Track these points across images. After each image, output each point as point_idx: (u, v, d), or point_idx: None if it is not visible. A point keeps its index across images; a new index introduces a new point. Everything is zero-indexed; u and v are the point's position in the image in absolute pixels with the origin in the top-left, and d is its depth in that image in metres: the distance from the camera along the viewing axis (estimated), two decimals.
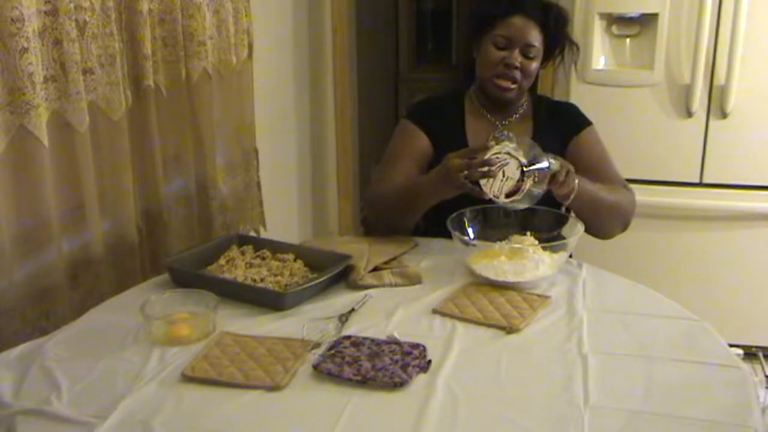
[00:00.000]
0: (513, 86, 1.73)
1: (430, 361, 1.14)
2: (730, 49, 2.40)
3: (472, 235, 1.56)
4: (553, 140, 1.77)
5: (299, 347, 1.18)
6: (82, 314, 1.36)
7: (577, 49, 1.80)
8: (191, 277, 1.47)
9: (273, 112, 2.76)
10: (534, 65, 1.72)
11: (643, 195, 1.83)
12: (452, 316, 1.31)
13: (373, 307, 1.36)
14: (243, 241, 1.62)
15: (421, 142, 1.80)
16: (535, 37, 1.70)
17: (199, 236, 2.08)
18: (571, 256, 1.66)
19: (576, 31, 2.56)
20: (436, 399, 1.04)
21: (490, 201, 1.50)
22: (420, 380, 1.09)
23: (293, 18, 2.94)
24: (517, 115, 1.82)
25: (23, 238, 1.49)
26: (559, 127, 1.81)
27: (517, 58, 1.70)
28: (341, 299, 1.39)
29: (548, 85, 2.89)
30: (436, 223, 1.63)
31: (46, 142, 1.47)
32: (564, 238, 1.52)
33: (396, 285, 1.46)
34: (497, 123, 1.81)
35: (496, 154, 1.45)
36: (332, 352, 1.16)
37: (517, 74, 1.71)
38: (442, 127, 1.81)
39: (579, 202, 1.57)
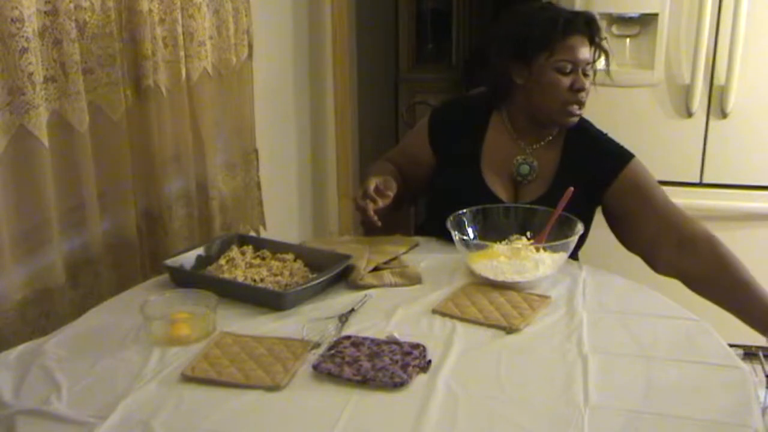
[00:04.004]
0: (581, 110, 1.67)
1: (430, 361, 1.14)
2: (730, 49, 2.40)
3: (472, 235, 1.56)
4: (578, 177, 1.64)
5: (299, 347, 1.18)
6: (82, 314, 1.36)
7: (607, 55, 1.72)
8: (191, 277, 1.47)
9: (273, 112, 2.76)
10: (590, 82, 1.66)
11: None
12: (452, 316, 1.31)
13: (373, 307, 1.36)
14: (243, 241, 1.62)
15: (422, 152, 1.80)
16: (590, 54, 1.64)
17: (199, 236, 2.08)
18: (577, 259, 1.66)
19: None
20: (436, 399, 1.04)
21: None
22: (420, 380, 1.09)
23: (293, 18, 2.94)
24: (544, 142, 1.73)
25: (23, 238, 1.49)
26: (588, 170, 1.68)
27: (583, 80, 1.63)
28: (341, 299, 1.39)
29: None
30: (437, 226, 1.62)
31: (46, 142, 1.47)
32: (564, 238, 1.52)
33: (396, 285, 1.46)
34: (525, 147, 1.72)
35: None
36: (332, 352, 1.16)
37: (584, 96, 1.66)
38: (459, 142, 1.75)
39: None
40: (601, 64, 1.73)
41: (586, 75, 1.64)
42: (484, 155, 1.74)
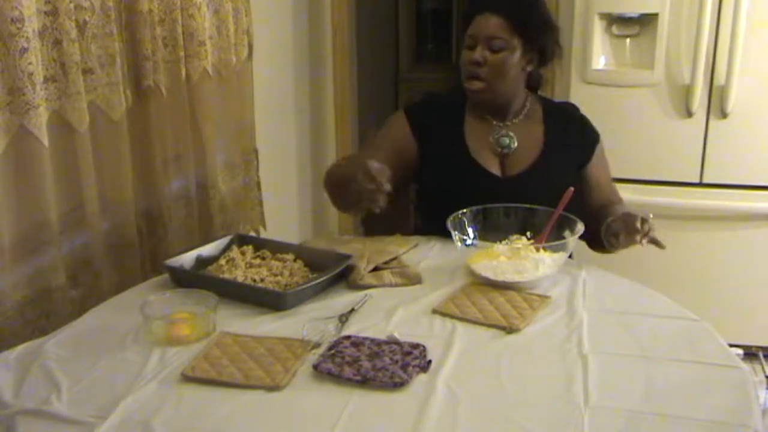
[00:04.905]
0: (480, 85, 1.69)
1: (430, 361, 1.14)
2: (730, 49, 2.40)
3: (472, 235, 1.56)
4: (563, 152, 1.75)
5: (299, 347, 1.18)
6: (82, 314, 1.36)
7: (556, 30, 1.74)
8: (191, 277, 1.47)
9: (273, 112, 2.76)
10: (501, 57, 1.67)
11: (643, 195, 1.84)
12: (452, 316, 1.31)
13: (373, 307, 1.36)
14: (243, 241, 1.62)
15: (405, 140, 1.78)
16: (501, 28, 1.66)
17: (199, 236, 2.08)
18: (571, 257, 1.66)
19: (576, 31, 2.56)
20: (436, 399, 1.04)
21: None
22: (420, 380, 1.09)
23: (293, 18, 2.94)
24: (521, 117, 1.78)
25: (23, 238, 1.49)
26: (572, 141, 1.78)
27: (479, 53, 1.67)
28: (341, 299, 1.39)
29: (548, 85, 2.88)
30: (436, 227, 1.62)
31: (46, 142, 1.47)
32: (564, 238, 1.52)
33: (396, 285, 1.46)
34: (498, 125, 1.78)
35: None
36: (332, 352, 1.16)
37: (482, 71, 1.68)
38: (441, 129, 1.78)
39: None
40: (601, 63, 1.74)
41: (493, 50, 1.67)
42: (467, 138, 1.76)
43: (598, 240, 1.62)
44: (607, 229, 1.58)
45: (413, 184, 1.89)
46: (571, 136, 1.79)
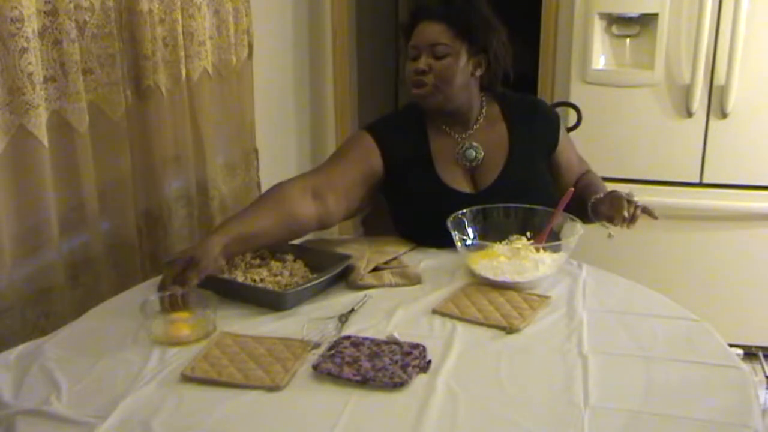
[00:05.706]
0: (425, 91, 1.64)
1: (430, 361, 1.14)
2: (730, 49, 2.40)
3: (472, 235, 1.56)
4: (530, 145, 1.72)
5: (299, 347, 1.18)
6: (82, 314, 1.36)
7: (502, 31, 1.68)
8: None
9: (273, 112, 2.76)
10: (446, 62, 1.62)
11: (643, 195, 1.83)
12: (452, 316, 1.31)
13: (373, 307, 1.36)
14: None
15: (371, 162, 1.68)
16: (442, 34, 1.62)
17: (199, 236, 2.08)
18: None
19: (576, 31, 2.56)
20: (436, 399, 1.04)
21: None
22: (420, 380, 1.09)
23: (293, 18, 2.94)
24: (481, 122, 1.72)
25: (23, 238, 1.50)
26: (536, 131, 1.74)
27: (423, 62, 1.62)
28: (341, 299, 1.39)
29: (548, 85, 2.89)
30: (431, 235, 1.60)
31: (46, 142, 1.47)
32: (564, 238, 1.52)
33: (396, 285, 1.46)
34: (458, 136, 1.71)
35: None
36: (332, 352, 1.16)
37: (427, 78, 1.62)
38: (405, 146, 1.70)
39: None
40: (601, 63, 1.73)
41: (438, 57, 1.63)
42: (434, 158, 1.70)
43: (580, 214, 1.61)
44: (594, 209, 1.61)
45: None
46: (534, 126, 1.75)
